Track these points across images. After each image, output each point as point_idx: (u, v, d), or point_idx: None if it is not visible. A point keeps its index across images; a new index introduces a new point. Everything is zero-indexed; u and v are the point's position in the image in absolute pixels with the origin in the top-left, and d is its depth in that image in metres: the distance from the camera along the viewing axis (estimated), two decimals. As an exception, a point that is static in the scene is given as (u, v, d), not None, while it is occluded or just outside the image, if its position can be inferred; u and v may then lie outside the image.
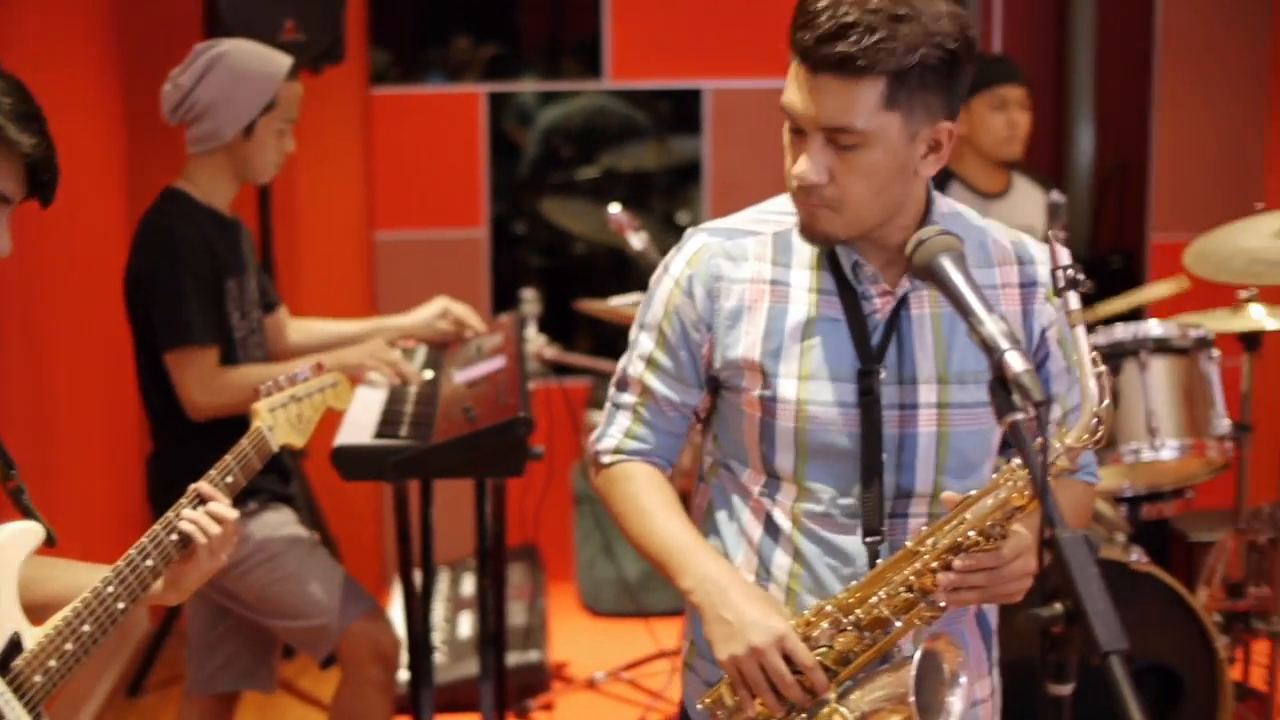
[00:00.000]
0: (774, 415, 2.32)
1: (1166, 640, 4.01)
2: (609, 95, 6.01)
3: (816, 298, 2.32)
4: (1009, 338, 1.97)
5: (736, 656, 2.21)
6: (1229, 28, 5.96)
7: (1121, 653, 1.77)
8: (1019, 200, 4.93)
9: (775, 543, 2.38)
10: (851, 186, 2.20)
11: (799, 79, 2.19)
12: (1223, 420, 4.31)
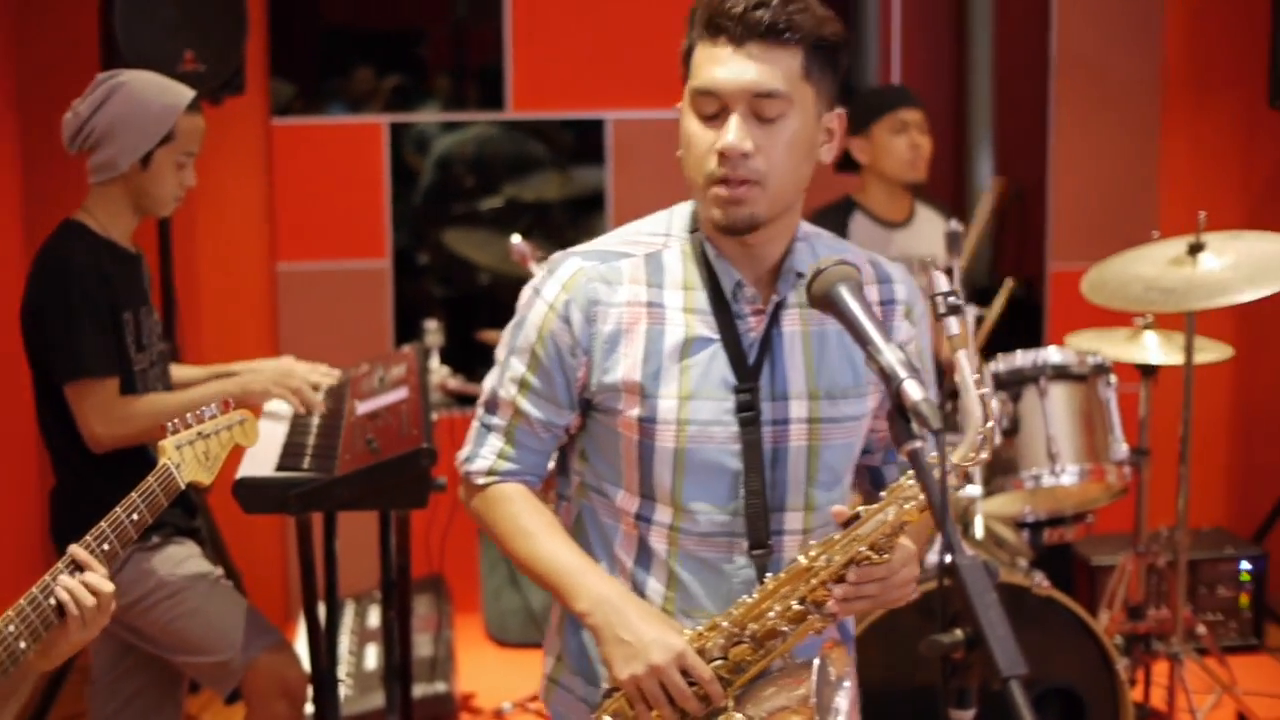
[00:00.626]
0: (653, 436, 2.36)
1: (1069, 663, 4.06)
2: (501, 125, 6.01)
3: (692, 318, 2.37)
4: (907, 366, 2.00)
5: (637, 675, 2.26)
6: (1123, 58, 6.05)
7: (1021, 677, 1.78)
8: (921, 229, 4.98)
9: (649, 565, 2.42)
10: (776, 157, 2.28)
11: (718, 58, 2.25)
12: (1121, 445, 4.38)
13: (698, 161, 2.29)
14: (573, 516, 2.51)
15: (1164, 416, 5.18)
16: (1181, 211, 5.37)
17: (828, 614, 2.26)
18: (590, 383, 2.39)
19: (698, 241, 2.40)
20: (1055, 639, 4.04)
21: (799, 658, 2.33)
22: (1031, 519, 4.50)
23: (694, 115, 2.29)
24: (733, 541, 2.39)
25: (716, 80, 2.25)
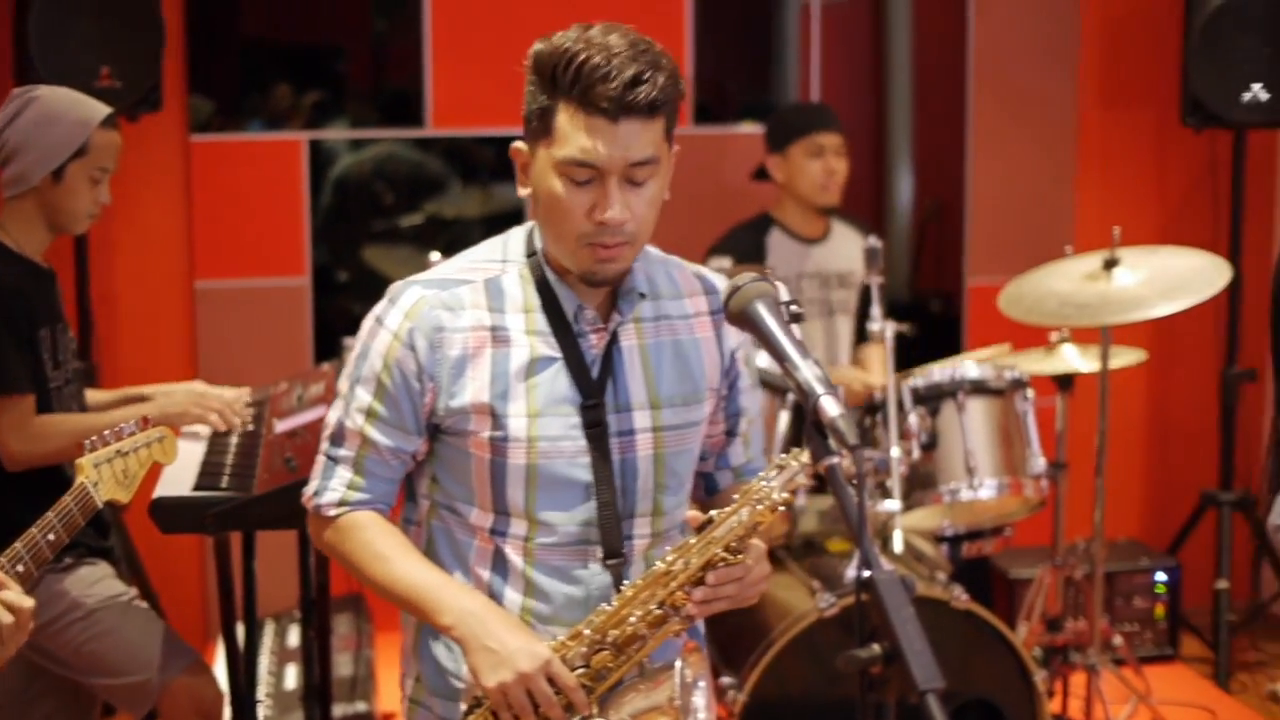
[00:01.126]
0: (505, 454, 2.42)
1: (987, 675, 4.09)
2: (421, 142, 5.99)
3: (534, 339, 2.44)
4: (824, 382, 2.01)
5: (505, 684, 2.29)
6: (1039, 77, 6.11)
7: (938, 691, 1.80)
8: (838, 245, 5.01)
9: (505, 580, 2.47)
10: (643, 214, 2.38)
11: (594, 129, 2.31)
12: (1038, 459, 4.41)
13: (571, 222, 2.36)
14: (424, 540, 2.55)
15: (1080, 430, 5.24)
16: (1097, 227, 5.42)
17: (686, 616, 2.33)
18: (438, 407, 2.44)
19: (535, 265, 2.47)
20: (974, 651, 4.07)
21: (656, 662, 2.39)
22: (950, 533, 4.52)
23: (561, 178, 2.34)
24: (587, 550, 2.46)
25: (596, 156, 2.31)
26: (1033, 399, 4.51)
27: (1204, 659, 5.67)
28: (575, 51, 2.31)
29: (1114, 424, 5.16)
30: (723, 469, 2.67)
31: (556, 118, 2.34)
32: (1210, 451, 5.91)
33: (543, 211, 2.41)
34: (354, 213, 6.06)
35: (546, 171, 2.36)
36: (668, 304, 2.53)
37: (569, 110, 2.33)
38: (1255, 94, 5.51)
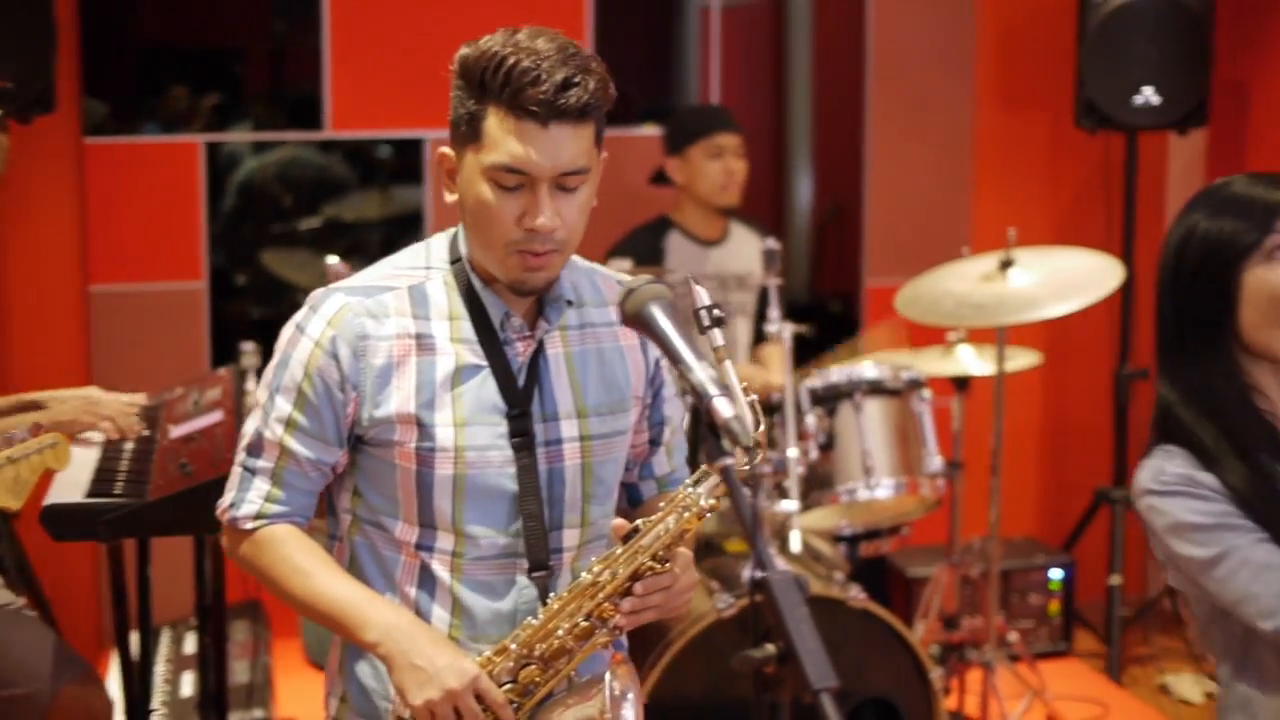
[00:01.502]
0: (432, 465, 2.37)
1: (885, 674, 4.12)
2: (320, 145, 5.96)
3: (460, 347, 2.39)
4: (717, 384, 2.01)
5: (432, 701, 2.25)
6: (936, 79, 6.17)
7: (832, 690, 1.80)
8: (736, 247, 5.03)
9: (432, 595, 2.42)
10: (575, 223, 2.35)
11: (523, 134, 2.27)
12: (935, 458, 4.45)
13: (499, 229, 2.32)
14: (347, 556, 2.49)
15: (977, 430, 5.29)
16: (993, 228, 5.48)
17: (615, 628, 2.31)
18: (361, 418, 2.38)
19: (460, 272, 2.43)
20: (871, 650, 4.10)
21: (583, 676, 2.37)
22: (848, 532, 4.55)
23: (490, 183, 2.31)
24: (514, 563, 2.42)
25: (527, 162, 2.28)
26: (929, 399, 4.55)
27: (1097, 653, 5.74)
28: (504, 55, 2.28)
29: (1010, 423, 5.22)
30: (646, 479, 2.64)
31: (485, 122, 2.30)
32: (1104, 450, 5.99)
33: (470, 218, 2.37)
34: (252, 216, 6.01)
35: (475, 177, 2.32)
36: (592, 312, 2.50)
37: (498, 115, 2.29)
38: (1147, 97, 5.59)
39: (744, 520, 1.94)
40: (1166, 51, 5.59)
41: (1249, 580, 2.18)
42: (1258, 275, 2.24)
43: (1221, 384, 2.27)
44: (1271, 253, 2.24)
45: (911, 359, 4.87)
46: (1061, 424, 6.39)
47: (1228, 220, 2.28)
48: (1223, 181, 2.35)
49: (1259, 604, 2.17)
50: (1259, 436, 2.25)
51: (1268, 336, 2.24)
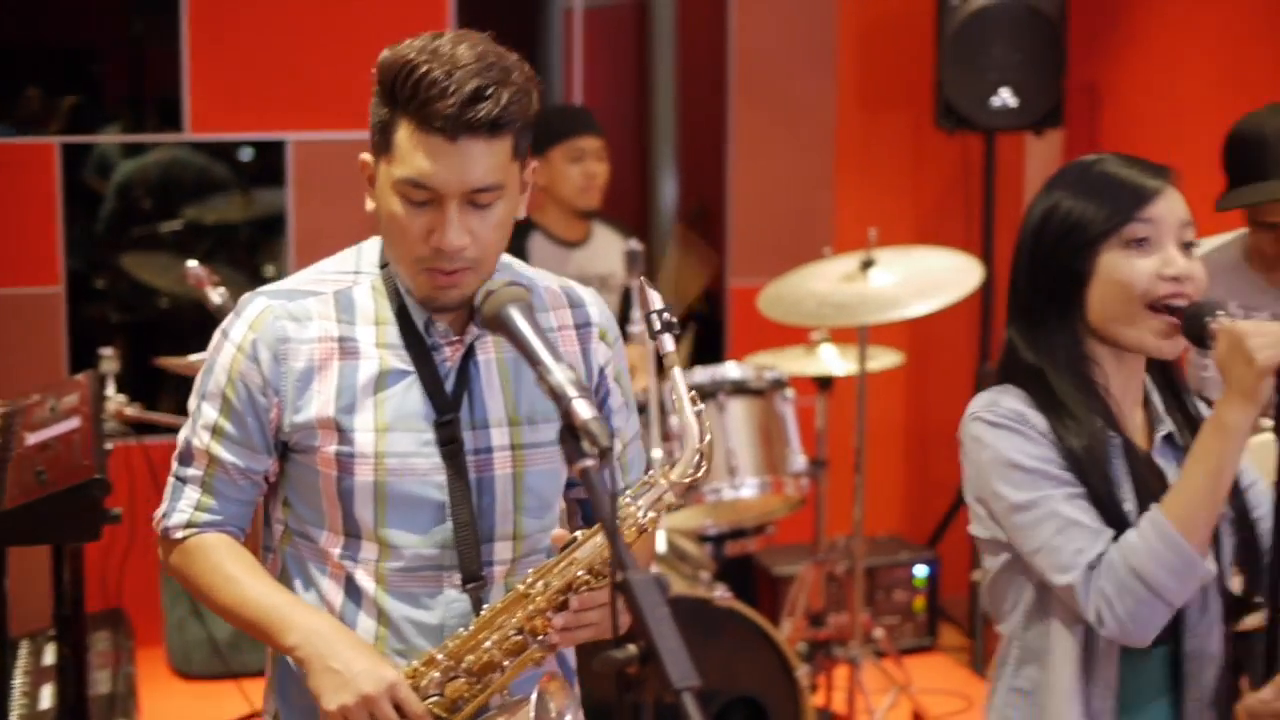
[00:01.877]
0: (352, 471, 2.30)
1: (751, 672, 4.14)
2: (181, 147, 5.88)
3: (385, 352, 2.32)
4: (576, 385, 2.01)
5: (346, 706, 2.19)
6: (798, 80, 6.22)
7: (694, 689, 1.81)
8: (599, 248, 5.04)
9: (358, 606, 2.35)
10: (489, 241, 2.26)
11: (430, 148, 2.19)
12: (799, 457, 4.49)
13: (408, 245, 2.25)
14: (278, 567, 2.42)
15: (841, 429, 5.34)
16: (855, 229, 5.54)
17: (548, 645, 2.24)
18: (284, 423, 2.31)
19: (389, 277, 2.36)
20: (738, 649, 4.12)
21: (516, 694, 2.29)
22: (713, 532, 4.58)
23: (399, 197, 2.24)
24: (441, 575, 2.34)
25: (433, 178, 2.20)
26: (793, 399, 4.59)
27: (962, 648, 5.82)
28: (416, 63, 2.19)
29: (873, 422, 5.28)
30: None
31: (395, 133, 2.22)
32: (966, 447, 6.07)
33: (383, 230, 2.30)
34: (111, 219, 5.92)
35: (386, 189, 2.25)
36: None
37: (407, 127, 2.20)
38: (1004, 99, 5.68)
39: (603, 522, 1.94)
40: (1022, 54, 5.68)
41: (1053, 532, 2.20)
42: (1111, 260, 2.27)
43: (1063, 354, 2.31)
44: (1129, 242, 2.27)
45: (774, 358, 4.91)
46: (924, 422, 6.47)
47: (1092, 201, 2.30)
48: (1095, 158, 2.38)
49: (1057, 557, 2.19)
50: (1095, 402, 2.29)
51: (1113, 322, 2.28)
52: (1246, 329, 2.13)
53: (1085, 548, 2.19)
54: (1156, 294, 2.25)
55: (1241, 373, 2.12)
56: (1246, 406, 2.12)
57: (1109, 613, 2.15)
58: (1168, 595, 2.14)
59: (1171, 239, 2.28)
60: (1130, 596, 2.14)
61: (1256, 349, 2.10)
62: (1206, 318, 2.20)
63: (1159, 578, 2.13)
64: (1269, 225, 3.30)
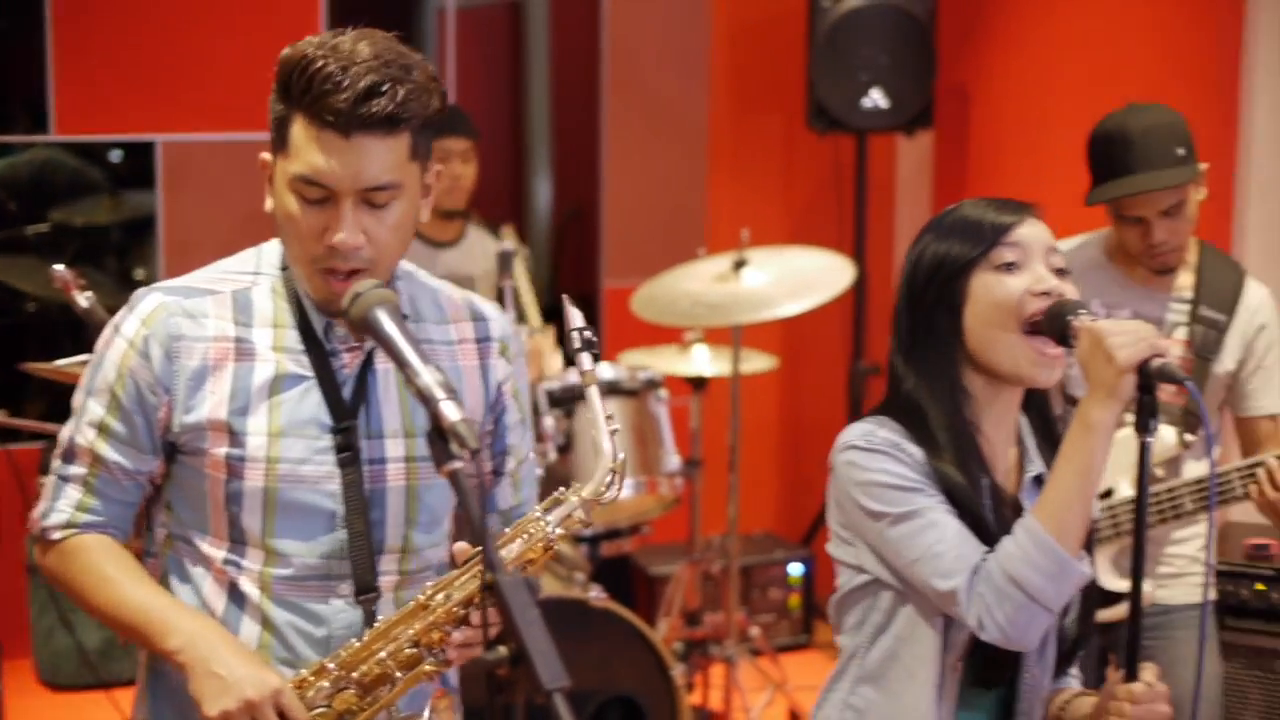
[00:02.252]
0: (241, 475, 2.25)
1: (628, 672, 4.15)
2: (57, 148, 5.79)
3: (282, 356, 2.27)
4: (444, 387, 2.00)
5: (228, 711, 2.13)
6: (672, 82, 6.25)
7: (564, 690, 1.81)
8: (471, 248, 5.01)
9: (241, 612, 2.29)
10: (386, 242, 2.21)
11: (324, 144, 2.15)
12: (673, 457, 4.50)
13: (302, 244, 2.21)
14: (160, 573, 2.35)
15: (715, 428, 5.37)
16: (728, 229, 5.57)
17: (443, 660, 2.21)
18: (173, 423, 2.25)
19: (289, 279, 2.30)
20: (614, 650, 4.12)
21: (404, 711, 2.26)
22: (589, 533, 4.58)
23: (294, 195, 2.19)
24: (328, 585, 2.29)
25: (326, 175, 2.16)
26: (667, 399, 4.60)
27: (837, 645, 5.86)
28: (312, 58, 2.15)
29: (747, 421, 5.31)
30: (489, 513, 2.46)
31: (291, 129, 2.18)
32: (840, 445, 6.12)
33: (280, 230, 2.25)
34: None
35: (282, 187, 2.21)
36: (431, 328, 2.36)
37: (302, 122, 2.16)
38: (875, 100, 5.73)
39: (472, 524, 1.93)
40: (893, 56, 5.74)
41: (934, 540, 2.21)
42: (983, 283, 2.30)
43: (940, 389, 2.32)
44: (998, 265, 2.29)
45: (648, 359, 4.92)
46: (798, 421, 6.52)
47: (955, 241, 2.33)
48: (952, 207, 2.40)
49: (940, 563, 2.20)
50: (966, 441, 2.31)
51: (989, 347, 2.30)
52: (1107, 327, 2.15)
53: (967, 554, 2.21)
54: (1029, 310, 2.27)
55: (1103, 371, 2.14)
56: (1110, 403, 2.15)
57: (989, 619, 2.17)
58: (1044, 600, 2.15)
59: (1039, 260, 2.30)
60: (1009, 602, 2.15)
61: (1116, 347, 2.13)
62: (1069, 316, 2.22)
63: (1034, 582, 2.14)
64: (1135, 220, 3.37)
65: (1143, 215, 3.36)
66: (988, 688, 2.33)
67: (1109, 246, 3.53)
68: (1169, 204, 3.34)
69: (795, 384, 6.44)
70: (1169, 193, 3.33)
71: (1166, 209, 3.35)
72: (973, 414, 2.33)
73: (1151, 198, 3.33)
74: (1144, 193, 3.32)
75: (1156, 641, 3.47)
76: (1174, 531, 3.47)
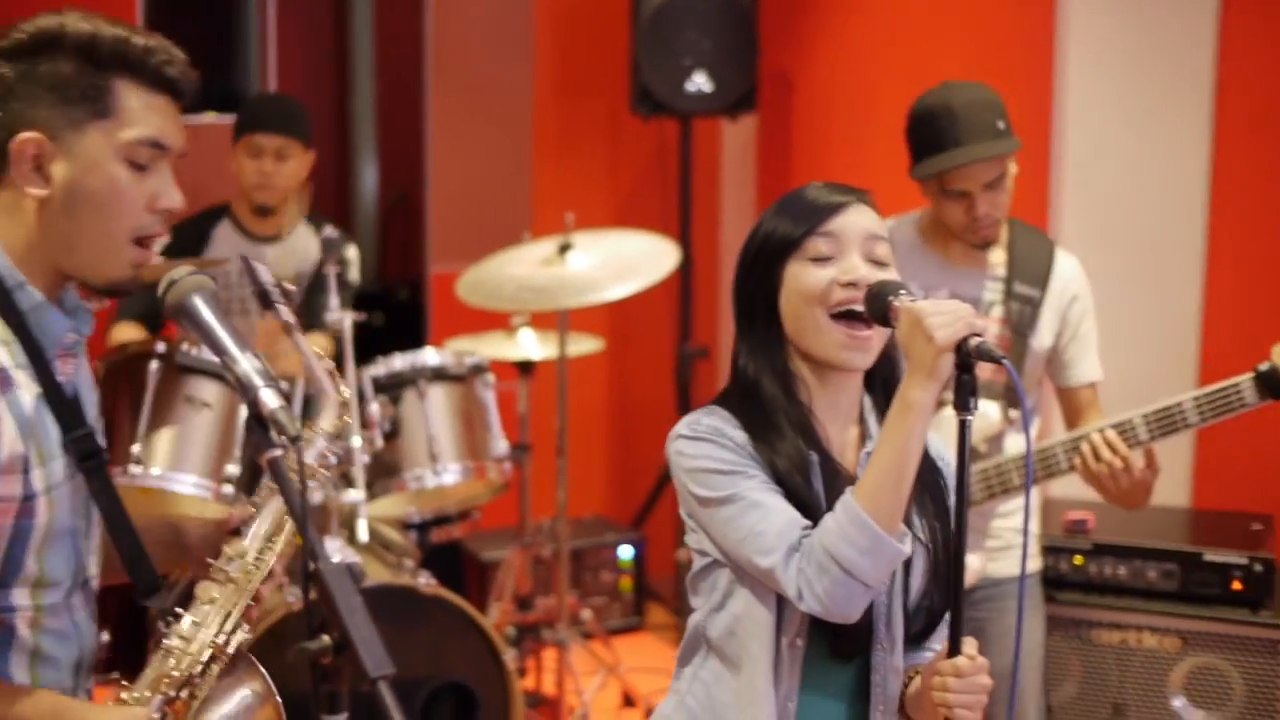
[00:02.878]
0: (32, 515, 2.12)
1: (460, 659, 4.13)
2: None
3: (24, 375, 2.13)
4: (263, 375, 1.98)
5: None
6: (496, 66, 6.23)
7: (389, 677, 1.80)
8: (296, 237, 4.93)
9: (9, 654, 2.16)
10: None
11: (160, 109, 2.15)
12: (501, 442, 4.47)
13: (126, 215, 2.13)
14: None
15: (543, 413, 5.37)
16: (554, 213, 5.57)
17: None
18: None
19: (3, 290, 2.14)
20: (446, 636, 4.10)
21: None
22: (418, 519, 4.54)
23: (125, 163, 2.12)
24: (72, 601, 2.21)
25: (170, 135, 2.15)
26: (494, 383, 4.58)
27: (669, 626, 5.90)
28: (119, 30, 2.12)
29: (576, 405, 5.31)
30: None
31: (116, 96, 2.11)
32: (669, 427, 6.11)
33: (92, 206, 2.11)
34: None
35: (109, 157, 2.11)
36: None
37: (133, 87, 2.12)
38: (699, 84, 5.76)
39: (293, 512, 1.92)
40: (716, 41, 5.78)
41: (756, 520, 2.24)
42: (793, 271, 2.32)
43: (771, 370, 2.35)
44: (812, 257, 2.31)
45: (474, 344, 4.90)
46: (626, 403, 6.54)
47: (785, 220, 2.35)
48: (801, 188, 2.42)
49: (761, 542, 2.23)
50: (796, 423, 2.33)
51: (801, 335, 2.33)
52: (925, 308, 2.18)
53: (785, 530, 2.23)
54: (833, 299, 2.29)
55: (922, 350, 2.16)
56: (928, 384, 2.17)
57: (809, 592, 2.19)
58: (861, 575, 2.18)
59: (856, 251, 2.32)
60: (827, 577, 2.18)
61: (935, 327, 2.15)
62: (889, 296, 2.24)
63: (851, 558, 2.17)
64: (959, 194, 3.41)
65: (967, 189, 3.40)
66: (842, 663, 2.35)
67: (923, 227, 3.58)
68: (992, 177, 3.39)
69: (623, 367, 6.46)
70: (991, 166, 3.39)
71: (989, 182, 3.40)
72: (804, 395, 2.35)
73: (975, 170, 3.38)
74: (971, 164, 3.36)
75: (987, 614, 3.54)
76: (999, 506, 3.54)
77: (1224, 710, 3.91)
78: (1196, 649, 3.92)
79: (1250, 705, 3.88)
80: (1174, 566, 3.99)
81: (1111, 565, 3.97)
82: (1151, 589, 4.01)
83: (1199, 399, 3.22)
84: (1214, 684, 3.92)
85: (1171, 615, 3.96)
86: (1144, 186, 4.79)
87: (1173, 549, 4.01)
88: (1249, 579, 3.93)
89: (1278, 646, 3.86)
